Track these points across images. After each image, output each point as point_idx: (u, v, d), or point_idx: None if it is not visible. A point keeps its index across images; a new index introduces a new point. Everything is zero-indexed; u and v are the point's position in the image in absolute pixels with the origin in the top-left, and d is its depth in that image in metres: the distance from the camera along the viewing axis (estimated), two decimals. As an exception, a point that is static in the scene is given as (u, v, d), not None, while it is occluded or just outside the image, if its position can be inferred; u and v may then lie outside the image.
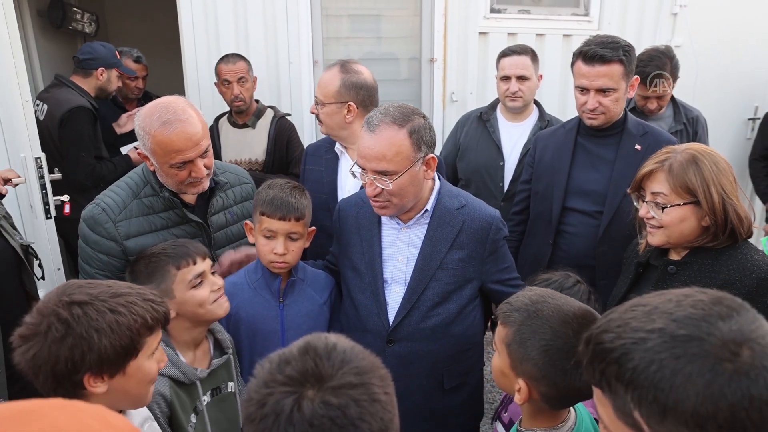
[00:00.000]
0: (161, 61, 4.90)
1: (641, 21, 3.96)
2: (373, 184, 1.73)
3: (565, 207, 2.36)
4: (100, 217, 1.80)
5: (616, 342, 0.75)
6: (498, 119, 3.05)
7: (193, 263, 1.62)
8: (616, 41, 2.18)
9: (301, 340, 0.85)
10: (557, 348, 1.19)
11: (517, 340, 1.24)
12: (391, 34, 3.83)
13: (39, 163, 2.79)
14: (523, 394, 1.24)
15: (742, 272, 1.58)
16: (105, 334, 1.10)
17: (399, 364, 1.86)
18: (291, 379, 0.78)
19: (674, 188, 1.60)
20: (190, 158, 1.76)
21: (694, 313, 0.73)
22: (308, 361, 0.79)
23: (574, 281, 1.76)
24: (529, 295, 1.29)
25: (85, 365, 1.09)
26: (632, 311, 0.78)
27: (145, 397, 1.24)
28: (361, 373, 0.79)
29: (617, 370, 0.74)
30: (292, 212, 1.83)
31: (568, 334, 1.19)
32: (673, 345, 0.71)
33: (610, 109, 2.23)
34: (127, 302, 1.15)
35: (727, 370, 0.67)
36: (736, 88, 4.22)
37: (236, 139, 3.30)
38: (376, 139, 1.70)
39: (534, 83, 2.95)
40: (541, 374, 1.21)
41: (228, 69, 3.18)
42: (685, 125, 3.07)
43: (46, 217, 2.85)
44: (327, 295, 2.02)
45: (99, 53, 3.36)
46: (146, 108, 1.78)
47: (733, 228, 1.59)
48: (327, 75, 2.32)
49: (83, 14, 4.43)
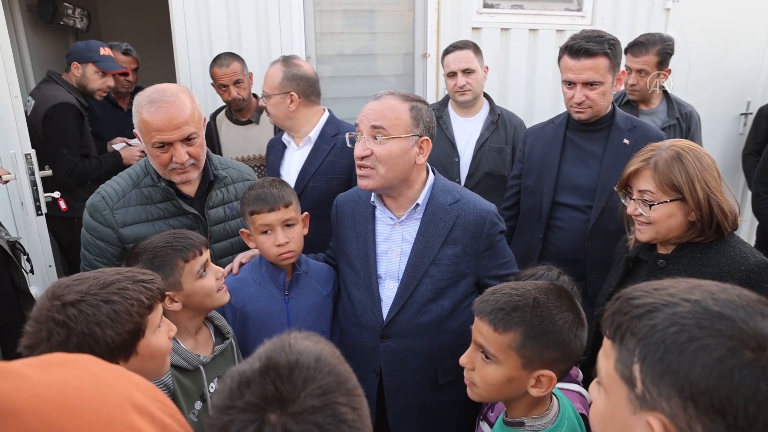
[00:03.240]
0: (154, 56, 4.88)
1: (634, 16, 3.97)
2: (363, 143, 1.75)
3: (555, 202, 2.38)
4: (99, 204, 1.87)
5: (647, 299, 0.75)
6: (450, 115, 3.09)
7: (199, 254, 1.63)
8: (601, 35, 2.20)
9: (263, 353, 0.80)
10: (571, 319, 1.28)
11: (530, 335, 1.25)
12: (384, 29, 3.83)
13: (29, 159, 2.77)
14: (545, 385, 1.26)
15: (731, 265, 1.59)
16: (106, 325, 1.11)
17: (393, 359, 1.87)
18: (251, 405, 0.73)
19: (660, 186, 1.61)
20: (168, 140, 1.79)
21: (736, 300, 0.71)
22: (268, 385, 0.74)
23: (557, 273, 1.78)
24: (511, 293, 1.30)
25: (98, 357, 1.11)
26: (676, 282, 0.77)
27: (163, 367, 1.28)
28: (325, 393, 0.75)
29: (636, 324, 0.73)
30: (279, 200, 1.85)
31: (561, 303, 1.30)
32: (703, 316, 0.69)
33: (597, 103, 2.25)
34: (118, 289, 1.15)
35: (745, 356, 0.65)
36: (729, 84, 4.24)
37: (240, 135, 3.27)
38: (379, 103, 1.78)
39: (480, 75, 3.00)
40: (565, 351, 1.26)
41: (222, 73, 3.15)
42: (678, 120, 3.08)
43: (36, 214, 2.83)
44: (331, 288, 2.04)
45: (76, 48, 3.32)
46: (144, 90, 1.85)
47: (718, 222, 1.60)
48: (271, 69, 2.55)
49: (75, 9, 4.40)
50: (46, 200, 2.89)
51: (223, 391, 0.77)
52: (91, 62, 3.33)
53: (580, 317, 1.31)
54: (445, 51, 3.06)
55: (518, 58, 3.89)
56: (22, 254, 2.31)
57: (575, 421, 1.36)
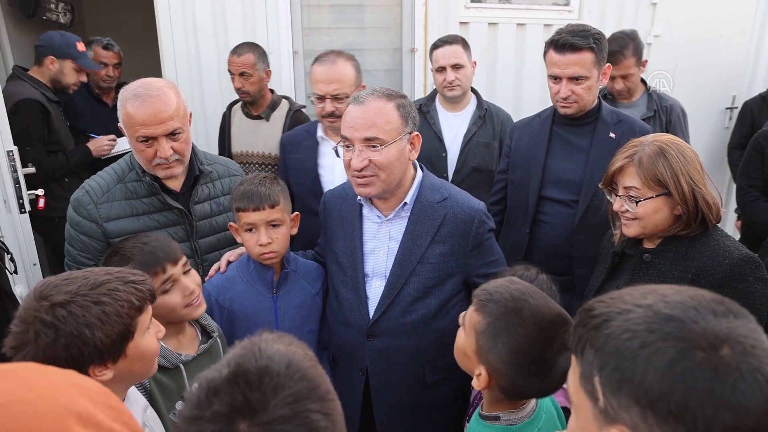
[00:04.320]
0: (139, 52, 4.82)
1: (621, 11, 3.98)
2: (360, 155, 1.69)
3: (541, 196, 2.38)
4: (83, 198, 1.86)
5: (603, 309, 0.74)
6: (437, 110, 3.08)
7: (162, 272, 1.55)
8: (586, 29, 2.21)
9: (232, 358, 0.77)
10: (527, 351, 1.19)
11: (489, 332, 1.24)
12: (372, 24, 3.81)
13: (11, 156, 2.73)
14: (483, 382, 1.25)
15: (715, 259, 1.60)
16: (96, 327, 1.09)
17: (380, 358, 1.86)
18: (219, 416, 0.71)
19: (645, 181, 1.62)
20: (152, 134, 1.78)
21: (687, 300, 0.71)
22: (237, 394, 0.71)
23: (536, 272, 1.77)
24: (511, 289, 1.26)
25: (86, 359, 1.09)
26: (633, 290, 0.76)
27: (152, 368, 1.26)
28: (297, 400, 0.72)
29: (594, 335, 0.72)
30: (264, 200, 1.83)
31: (541, 339, 1.19)
32: (653, 320, 0.69)
33: (583, 97, 2.25)
34: (108, 290, 1.13)
35: (697, 358, 0.64)
36: (714, 78, 4.27)
37: (249, 130, 3.20)
38: (365, 109, 1.70)
39: (469, 70, 2.99)
40: (505, 371, 1.21)
41: (232, 60, 3.10)
42: (656, 112, 3.11)
43: (20, 212, 2.80)
44: (319, 286, 2.03)
45: (52, 41, 3.22)
46: (130, 83, 1.83)
47: (703, 215, 1.62)
48: (346, 68, 2.44)
49: (57, 4, 4.32)
50: (29, 198, 2.85)
51: (191, 400, 0.74)
52: (70, 59, 3.26)
53: (546, 363, 1.20)
54: (433, 45, 3.03)
55: (506, 53, 3.89)
56: (5, 253, 2.28)
57: (554, 414, 1.36)
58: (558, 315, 1.24)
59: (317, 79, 2.37)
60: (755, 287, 1.56)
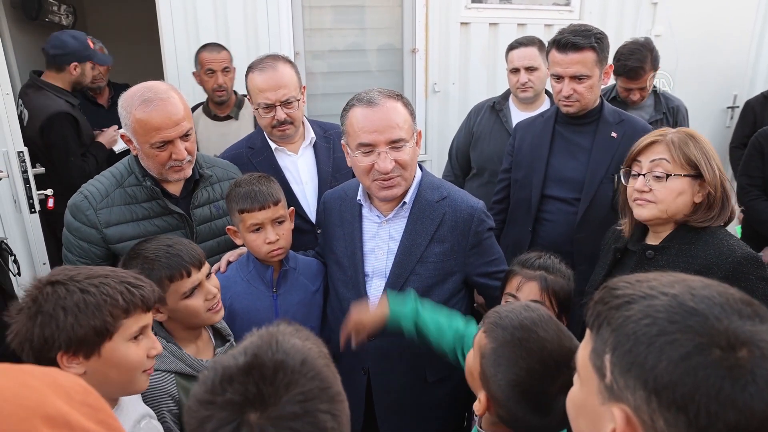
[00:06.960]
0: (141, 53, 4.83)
1: (622, 11, 3.99)
2: (387, 157, 1.68)
3: (543, 195, 2.39)
4: (81, 204, 1.83)
5: (627, 290, 0.74)
6: (510, 109, 3.07)
7: (187, 275, 1.54)
8: (588, 29, 2.23)
9: (250, 348, 0.78)
10: (527, 386, 1.13)
11: (492, 358, 1.17)
12: (373, 24, 3.82)
13: (22, 157, 2.75)
14: (481, 408, 1.20)
15: (719, 257, 1.60)
16: (71, 312, 1.09)
17: (381, 357, 1.86)
18: (231, 404, 0.72)
19: (677, 159, 1.61)
20: (169, 138, 1.77)
21: (715, 297, 0.69)
22: (251, 385, 0.73)
23: (559, 259, 1.78)
24: (523, 316, 1.19)
25: (56, 343, 1.09)
26: (660, 276, 0.76)
27: (132, 383, 1.21)
28: (307, 399, 0.73)
29: (613, 314, 0.72)
30: (269, 198, 1.83)
31: (543, 375, 1.12)
32: (676, 311, 0.68)
33: (585, 96, 2.27)
34: (100, 283, 1.14)
35: (713, 355, 0.64)
36: (716, 77, 4.28)
37: (219, 132, 3.22)
38: (383, 111, 1.68)
39: (543, 73, 2.94)
40: (503, 402, 1.16)
41: (212, 58, 3.13)
42: (665, 114, 3.12)
43: (30, 212, 2.81)
44: (319, 283, 2.03)
45: (70, 47, 3.23)
46: (130, 89, 1.80)
47: (723, 204, 1.62)
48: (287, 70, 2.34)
49: (60, 6, 4.34)
50: (39, 198, 2.86)
51: (205, 383, 0.76)
52: (89, 60, 3.30)
53: (546, 401, 1.13)
54: (509, 46, 3.00)
55: (507, 53, 3.90)
56: (9, 255, 2.29)
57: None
58: (567, 352, 1.13)
59: (261, 87, 2.19)
60: (758, 286, 1.56)
